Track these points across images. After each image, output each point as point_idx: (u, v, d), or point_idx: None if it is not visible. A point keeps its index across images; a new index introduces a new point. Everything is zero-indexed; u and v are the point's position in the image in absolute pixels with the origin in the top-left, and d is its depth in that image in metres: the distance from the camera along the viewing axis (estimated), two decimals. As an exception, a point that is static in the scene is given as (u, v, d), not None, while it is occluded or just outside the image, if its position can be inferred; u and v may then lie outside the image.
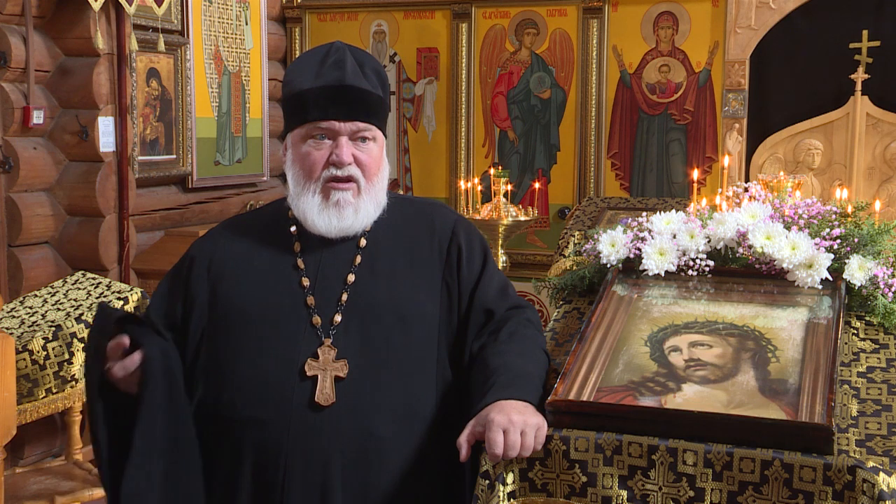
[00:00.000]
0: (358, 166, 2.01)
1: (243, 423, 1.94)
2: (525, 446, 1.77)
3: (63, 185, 4.80)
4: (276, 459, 1.91)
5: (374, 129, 2.04)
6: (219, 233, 2.14)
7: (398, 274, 2.04)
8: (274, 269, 2.03)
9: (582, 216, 4.81)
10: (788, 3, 5.63)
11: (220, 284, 2.04)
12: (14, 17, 4.55)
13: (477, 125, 6.44)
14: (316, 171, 2.00)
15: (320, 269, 2.03)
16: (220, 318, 2.02)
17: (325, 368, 1.93)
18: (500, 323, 2.04)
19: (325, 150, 2.00)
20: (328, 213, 2.01)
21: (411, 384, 1.97)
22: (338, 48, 2.06)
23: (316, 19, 6.80)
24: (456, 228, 2.12)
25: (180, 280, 2.08)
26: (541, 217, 6.17)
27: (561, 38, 6.25)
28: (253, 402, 1.93)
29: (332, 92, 1.99)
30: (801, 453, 1.67)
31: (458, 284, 2.06)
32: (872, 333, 2.07)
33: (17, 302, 3.76)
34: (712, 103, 5.95)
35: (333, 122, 1.99)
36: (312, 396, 1.91)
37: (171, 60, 5.52)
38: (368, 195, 2.03)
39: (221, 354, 1.99)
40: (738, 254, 2.24)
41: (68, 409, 3.95)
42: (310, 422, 1.91)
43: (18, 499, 3.60)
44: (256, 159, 6.43)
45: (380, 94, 2.05)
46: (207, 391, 2.00)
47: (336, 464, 1.91)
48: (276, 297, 2.00)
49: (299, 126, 2.03)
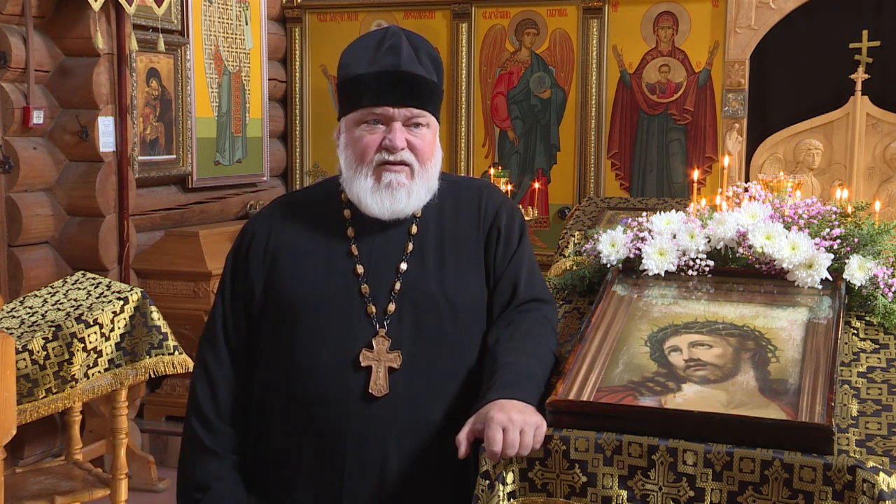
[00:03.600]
0: (411, 151, 2.01)
1: (303, 411, 1.97)
2: (524, 445, 1.77)
3: (63, 185, 4.80)
4: (335, 446, 1.94)
5: (427, 116, 2.03)
6: (272, 212, 2.14)
7: (447, 261, 2.05)
8: (329, 254, 2.04)
9: (582, 216, 4.81)
10: (788, 3, 5.63)
11: (276, 267, 2.05)
12: (14, 17, 4.55)
13: (477, 125, 6.45)
14: (368, 155, 2.00)
15: (373, 257, 2.03)
16: (277, 303, 2.03)
17: (378, 359, 1.95)
18: (517, 315, 2.05)
19: (378, 135, 2.00)
20: (381, 196, 2.00)
21: (464, 370, 1.99)
22: (394, 33, 2.05)
23: (316, 19, 6.80)
24: (500, 211, 2.12)
25: (240, 260, 2.09)
26: (541, 217, 6.17)
27: (561, 38, 6.25)
28: (311, 391, 1.96)
29: (387, 77, 1.99)
30: (801, 453, 1.67)
31: (494, 263, 2.08)
32: (872, 333, 2.07)
33: (17, 302, 3.75)
34: (712, 103, 5.95)
35: (387, 108, 1.99)
36: (367, 386, 1.93)
37: (171, 60, 5.52)
38: (421, 179, 2.03)
39: (279, 342, 2.01)
40: (738, 254, 2.24)
41: (68, 409, 3.96)
42: (365, 411, 1.93)
43: (18, 499, 3.60)
44: (256, 159, 6.43)
45: (434, 79, 2.04)
46: (268, 376, 2.02)
47: (394, 449, 1.94)
48: (332, 284, 2.01)
49: (353, 111, 2.03)
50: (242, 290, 2.07)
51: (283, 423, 2.00)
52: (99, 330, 3.49)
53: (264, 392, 2.03)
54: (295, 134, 6.88)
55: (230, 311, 2.09)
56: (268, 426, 2.03)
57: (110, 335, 3.53)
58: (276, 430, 2.02)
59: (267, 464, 2.04)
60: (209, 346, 2.10)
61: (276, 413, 2.01)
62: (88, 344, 3.45)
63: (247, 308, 2.07)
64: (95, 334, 3.48)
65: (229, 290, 2.10)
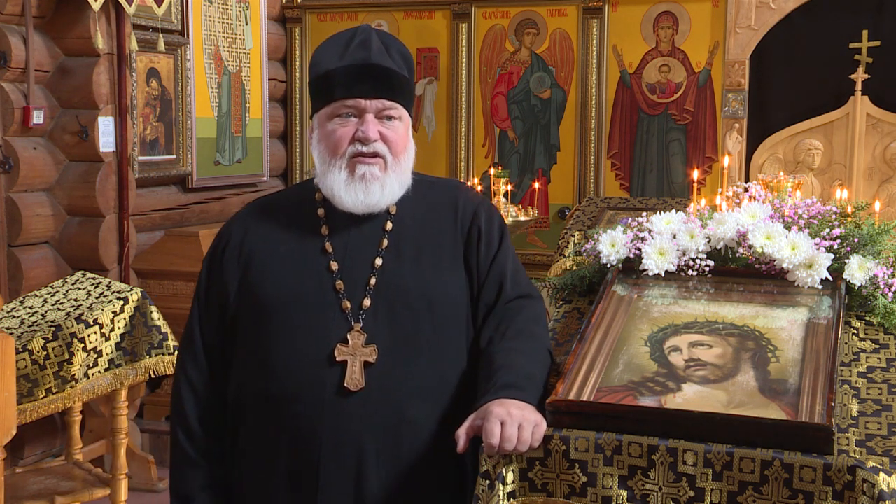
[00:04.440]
0: (384, 143, 2.01)
1: (279, 409, 1.96)
2: (522, 440, 1.77)
3: (63, 185, 4.80)
4: (311, 444, 1.94)
5: (399, 108, 2.04)
6: (247, 214, 2.14)
7: (424, 257, 2.05)
8: (303, 252, 2.04)
9: (582, 216, 4.81)
10: (788, 3, 5.63)
11: (251, 269, 2.05)
12: (14, 17, 4.55)
13: (477, 125, 6.45)
14: (342, 147, 2.01)
15: (348, 253, 2.03)
16: (251, 304, 2.03)
17: (354, 354, 1.94)
18: (507, 313, 2.05)
19: (350, 128, 2.00)
20: (355, 188, 2.00)
21: (440, 367, 1.99)
22: (363, 30, 2.06)
23: (316, 19, 6.80)
24: (478, 210, 2.12)
25: (215, 264, 2.09)
26: (541, 217, 6.17)
27: (561, 38, 6.25)
28: (286, 388, 1.95)
29: (358, 70, 1.99)
30: (801, 453, 1.67)
31: (476, 264, 2.07)
32: (872, 333, 2.07)
33: (17, 302, 3.75)
34: (712, 103, 5.95)
35: (359, 100, 1.99)
36: (342, 381, 1.93)
37: (171, 60, 5.52)
38: (395, 172, 2.03)
39: (253, 340, 2.01)
40: (738, 254, 2.24)
41: (68, 409, 3.95)
42: (341, 406, 1.93)
43: (18, 499, 3.60)
44: (256, 159, 6.44)
45: (405, 74, 2.05)
46: (243, 376, 2.02)
47: (369, 447, 1.93)
48: (306, 281, 2.01)
49: (325, 105, 2.03)
50: (218, 294, 2.07)
51: (258, 421, 1.99)
52: (99, 330, 3.49)
53: (239, 392, 2.03)
54: (295, 134, 6.88)
55: (206, 316, 2.08)
56: (244, 426, 2.02)
57: (110, 335, 3.54)
58: (251, 430, 2.01)
59: (243, 465, 2.03)
60: (188, 352, 2.09)
61: (251, 412, 2.01)
62: (88, 344, 3.45)
63: (222, 311, 2.06)
64: (95, 334, 3.48)
65: (204, 294, 2.10)
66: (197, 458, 2.06)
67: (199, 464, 2.06)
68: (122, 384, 3.60)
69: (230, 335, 2.06)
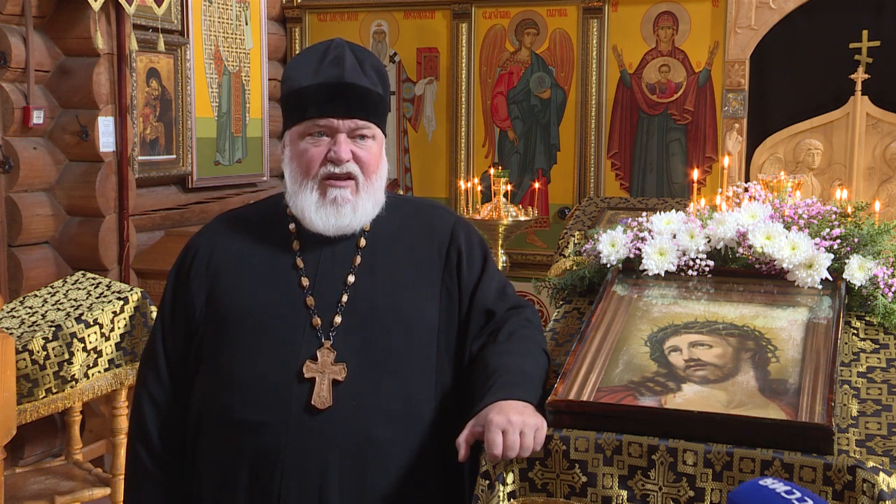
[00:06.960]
0: (357, 163, 1.99)
1: (241, 426, 1.92)
2: (524, 446, 1.76)
3: (63, 185, 4.80)
4: (274, 462, 1.90)
5: (373, 128, 2.01)
6: (216, 228, 2.11)
7: (398, 276, 2.02)
8: (273, 267, 2.01)
9: (582, 216, 4.80)
10: (788, 3, 5.63)
11: (218, 283, 2.01)
12: (14, 17, 4.55)
13: (477, 125, 6.45)
14: (313, 168, 1.98)
15: (319, 269, 2.00)
16: (219, 318, 1.99)
17: (323, 371, 1.91)
18: (499, 323, 2.03)
19: (322, 147, 1.98)
20: (325, 211, 1.98)
21: (410, 387, 1.95)
22: (337, 45, 2.03)
23: (316, 19, 6.80)
24: (455, 230, 2.10)
25: (182, 277, 2.06)
26: (541, 217, 6.17)
27: (561, 38, 6.25)
28: (251, 404, 1.91)
29: (331, 89, 1.97)
30: (801, 453, 1.67)
31: (458, 287, 2.04)
32: (872, 333, 2.07)
33: (17, 302, 3.75)
34: (712, 103, 5.95)
35: (332, 120, 1.97)
36: (310, 398, 1.89)
37: (171, 60, 5.52)
38: (367, 193, 2.01)
39: (220, 356, 1.97)
40: (738, 254, 2.24)
41: (68, 409, 3.95)
42: (307, 425, 1.89)
43: (18, 499, 3.60)
44: (256, 159, 6.44)
45: (379, 91, 2.02)
46: (206, 392, 1.98)
47: (333, 467, 1.89)
48: (276, 297, 1.98)
49: (297, 123, 2.00)
50: (183, 308, 2.03)
51: (220, 437, 1.95)
52: (99, 330, 3.49)
53: (202, 407, 1.98)
54: (295, 134, 6.87)
55: (170, 331, 2.05)
56: (205, 441, 1.98)
57: (110, 335, 3.53)
58: (213, 445, 1.96)
59: (203, 481, 1.98)
60: (150, 368, 2.05)
61: (213, 428, 1.96)
62: (88, 344, 3.45)
63: (188, 326, 2.02)
64: (95, 334, 3.48)
65: (169, 309, 2.06)
66: (157, 473, 2.02)
67: (160, 479, 2.02)
68: (122, 384, 3.60)
69: (195, 350, 2.01)
